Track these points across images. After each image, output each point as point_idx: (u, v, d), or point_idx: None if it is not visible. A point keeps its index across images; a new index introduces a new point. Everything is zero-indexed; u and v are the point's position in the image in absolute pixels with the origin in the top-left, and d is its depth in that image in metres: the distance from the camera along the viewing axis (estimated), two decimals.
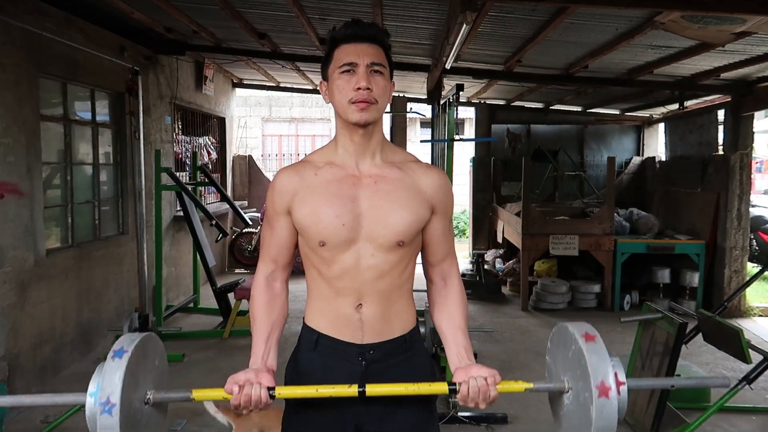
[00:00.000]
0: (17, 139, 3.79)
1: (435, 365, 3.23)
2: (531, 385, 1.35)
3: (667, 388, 3.16)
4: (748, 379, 3.16)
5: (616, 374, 1.27)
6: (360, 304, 1.47)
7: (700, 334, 3.61)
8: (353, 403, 1.47)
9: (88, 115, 4.90)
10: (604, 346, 1.30)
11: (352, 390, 1.33)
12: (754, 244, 8.58)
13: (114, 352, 1.30)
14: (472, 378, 1.34)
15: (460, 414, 3.52)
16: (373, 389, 1.34)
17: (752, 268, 7.16)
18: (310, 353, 1.53)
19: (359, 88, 1.41)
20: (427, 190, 1.51)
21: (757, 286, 7.14)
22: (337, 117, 1.50)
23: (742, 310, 6.16)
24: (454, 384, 1.36)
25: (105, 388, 1.25)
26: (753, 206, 7.53)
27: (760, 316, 6.17)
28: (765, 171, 16.45)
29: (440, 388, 1.35)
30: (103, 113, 5.14)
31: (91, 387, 1.29)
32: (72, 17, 4.37)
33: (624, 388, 1.28)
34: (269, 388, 1.35)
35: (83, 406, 1.30)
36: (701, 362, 4.56)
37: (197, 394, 1.34)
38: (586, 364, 1.26)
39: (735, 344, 3.21)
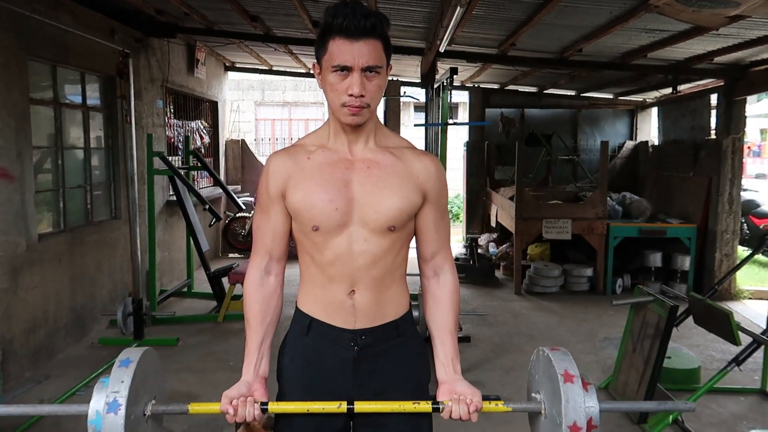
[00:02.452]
0: (7, 123, 3.75)
1: (428, 349, 3.25)
2: (510, 409, 1.44)
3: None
4: (738, 360, 3.21)
5: (590, 419, 1.34)
6: (353, 290, 1.46)
7: (690, 317, 3.65)
8: (345, 391, 1.47)
9: (78, 99, 4.85)
10: (581, 386, 1.34)
11: (341, 408, 1.40)
12: (745, 227, 8.63)
13: (120, 362, 1.35)
14: (454, 402, 1.40)
15: None
16: (361, 406, 1.41)
17: (743, 251, 7.21)
18: (302, 338, 1.52)
19: (352, 95, 1.36)
20: (420, 175, 1.48)
21: (748, 270, 7.20)
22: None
23: (733, 293, 6.23)
24: (438, 402, 1.43)
25: (112, 389, 1.29)
26: (744, 190, 7.56)
27: (750, 299, 6.24)
28: (763, 155, 16.40)
29: (424, 407, 1.42)
30: (93, 97, 5.09)
31: (95, 399, 1.31)
32: None
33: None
34: (262, 404, 1.40)
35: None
36: (692, 344, 4.61)
37: (194, 407, 1.41)
38: (561, 401, 1.33)
39: (725, 327, 3.25)
